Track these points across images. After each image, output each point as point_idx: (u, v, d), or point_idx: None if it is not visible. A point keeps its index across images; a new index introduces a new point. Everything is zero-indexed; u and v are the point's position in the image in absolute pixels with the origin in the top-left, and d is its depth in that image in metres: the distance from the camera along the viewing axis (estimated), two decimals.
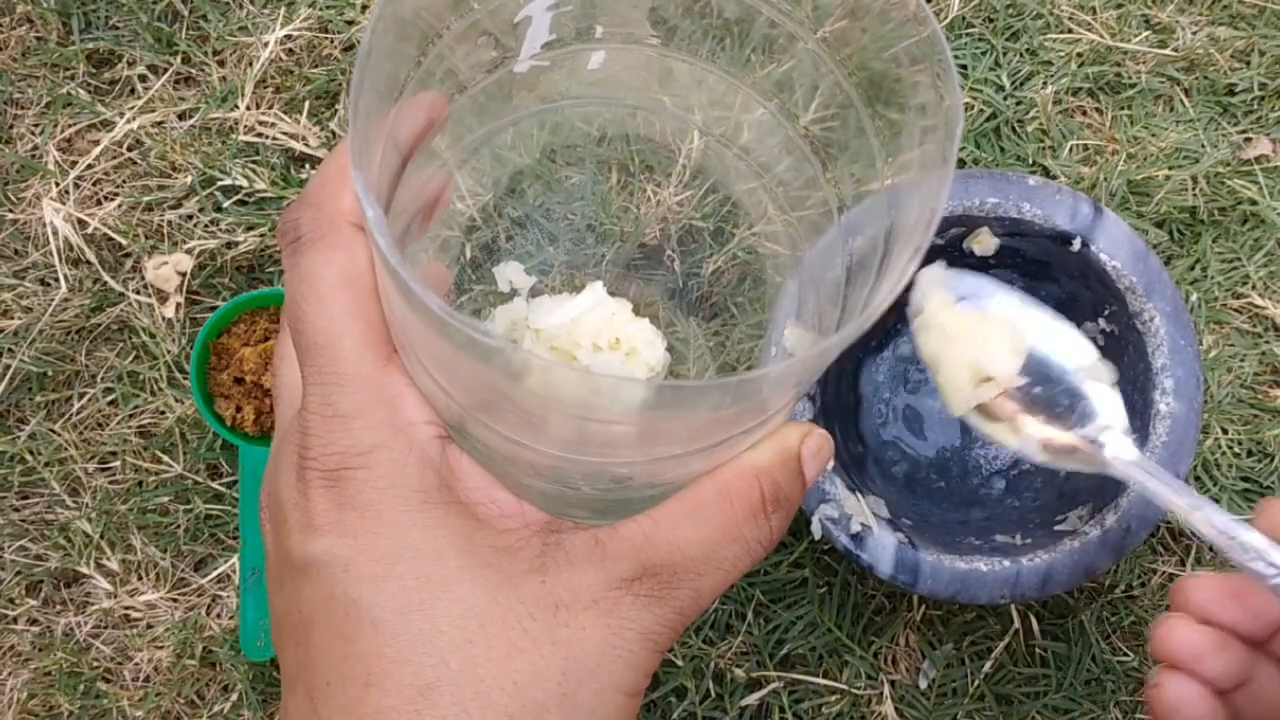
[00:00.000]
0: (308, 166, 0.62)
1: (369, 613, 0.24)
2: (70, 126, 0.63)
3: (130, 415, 0.60)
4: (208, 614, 0.59)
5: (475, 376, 0.24)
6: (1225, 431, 0.60)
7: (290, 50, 0.64)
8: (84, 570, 0.59)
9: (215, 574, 0.59)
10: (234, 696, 0.58)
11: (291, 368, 0.28)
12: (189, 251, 0.60)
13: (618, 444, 0.27)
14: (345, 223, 0.26)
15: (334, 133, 0.62)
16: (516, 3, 0.30)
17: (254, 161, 0.61)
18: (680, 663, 0.56)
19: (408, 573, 0.24)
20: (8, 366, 0.60)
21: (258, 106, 0.63)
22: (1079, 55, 0.65)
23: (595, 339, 0.43)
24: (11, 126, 0.63)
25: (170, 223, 0.61)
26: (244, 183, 0.61)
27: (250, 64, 0.63)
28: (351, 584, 0.24)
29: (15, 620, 0.59)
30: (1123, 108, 0.65)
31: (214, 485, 0.59)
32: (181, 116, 0.63)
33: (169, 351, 0.60)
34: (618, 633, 0.25)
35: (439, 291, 0.40)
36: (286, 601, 0.25)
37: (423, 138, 0.29)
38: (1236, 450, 0.60)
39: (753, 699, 0.57)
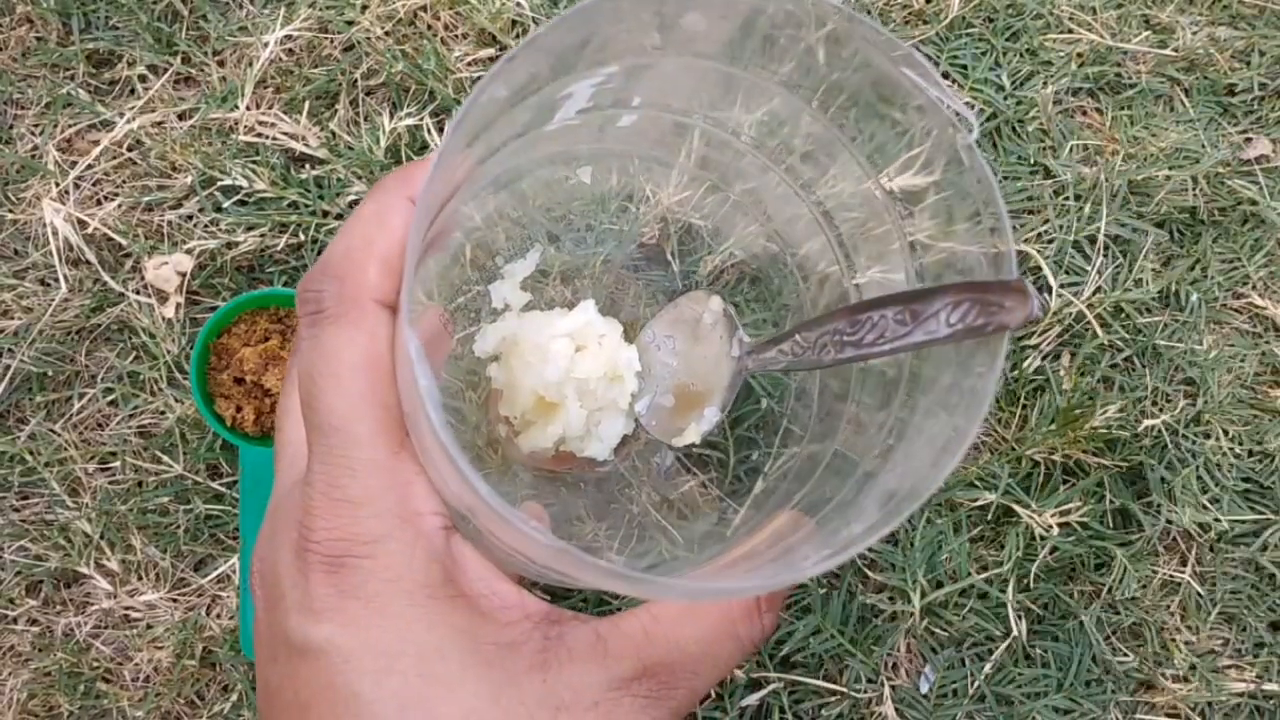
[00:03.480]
0: (307, 166, 0.62)
1: (369, 707, 0.24)
2: (70, 127, 0.63)
3: (130, 415, 0.60)
4: (208, 614, 0.59)
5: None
6: (1226, 433, 0.60)
7: (290, 50, 0.64)
8: (84, 570, 0.59)
9: (215, 574, 0.59)
10: (234, 697, 0.58)
11: (296, 425, 0.28)
12: (189, 251, 0.60)
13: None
14: (369, 299, 0.25)
15: (333, 133, 0.62)
16: (563, 86, 0.30)
17: (254, 161, 0.61)
18: None
19: (410, 669, 0.24)
20: (8, 367, 0.60)
21: (258, 106, 0.63)
22: (1079, 55, 0.65)
23: (583, 386, 0.43)
24: (11, 127, 0.63)
25: (170, 223, 0.61)
26: (244, 183, 0.61)
27: (250, 64, 0.63)
28: (353, 676, 0.24)
29: (15, 620, 0.59)
30: (1123, 108, 0.65)
31: (214, 485, 0.59)
32: (181, 117, 0.63)
33: (169, 352, 0.60)
34: None
35: (438, 325, 0.40)
36: (281, 679, 0.25)
37: (448, 199, 0.29)
38: (1237, 451, 0.60)
39: (753, 699, 0.57)
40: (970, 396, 0.26)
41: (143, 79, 0.64)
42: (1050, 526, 0.58)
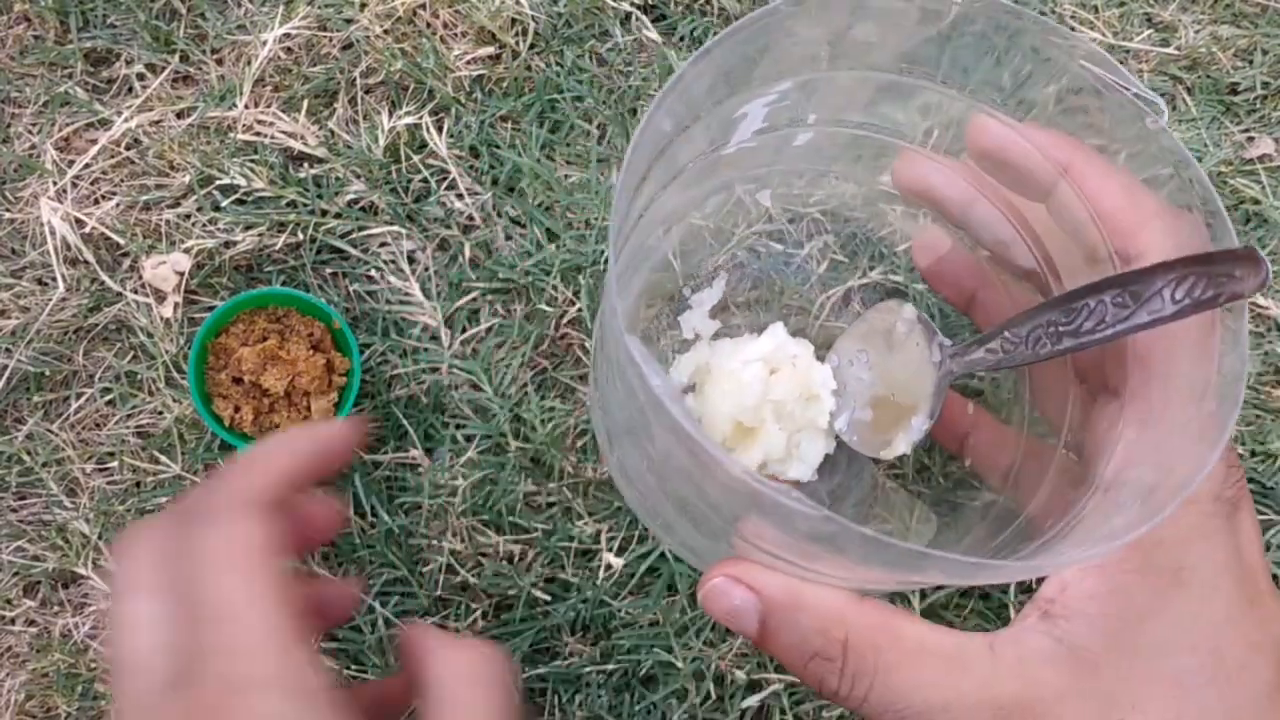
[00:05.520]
0: (306, 165, 0.62)
1: None
2: (68, 125, 0.63)
3: (128, 415, 0.60)
4: None
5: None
6: None
7: (289, 49, 0.63)
8: (82, 571, 0.58)
9: None
10: None
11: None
12: (187, 251, 0.60)
13: None
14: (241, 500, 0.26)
15: (332, 131, 0.62)
16: (737, 105, 0.30)
17: (252, 160, 0.61)
18: (681, 665, 0.56)
19: None
20: (5, 367, 0.60)
21: (256, 105, 0.63)
22: None
23: (780, 408, 0.42)
24: (9, 125, 0.63)
25: (168, 222, 0.61)
26: (242, 182, 0.60)
27: (248, 62, 0.63)
28: None
29: (13, 621, 0.59)
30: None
31: None
32: (179, 115, 0.63)
33: (167, 351, 0.60)
34: None
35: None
36: None
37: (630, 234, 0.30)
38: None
39: (753, 700, 0.56)
40: (1220, 379, 0.26)
41: (141, 77, 0.63)
42: None
